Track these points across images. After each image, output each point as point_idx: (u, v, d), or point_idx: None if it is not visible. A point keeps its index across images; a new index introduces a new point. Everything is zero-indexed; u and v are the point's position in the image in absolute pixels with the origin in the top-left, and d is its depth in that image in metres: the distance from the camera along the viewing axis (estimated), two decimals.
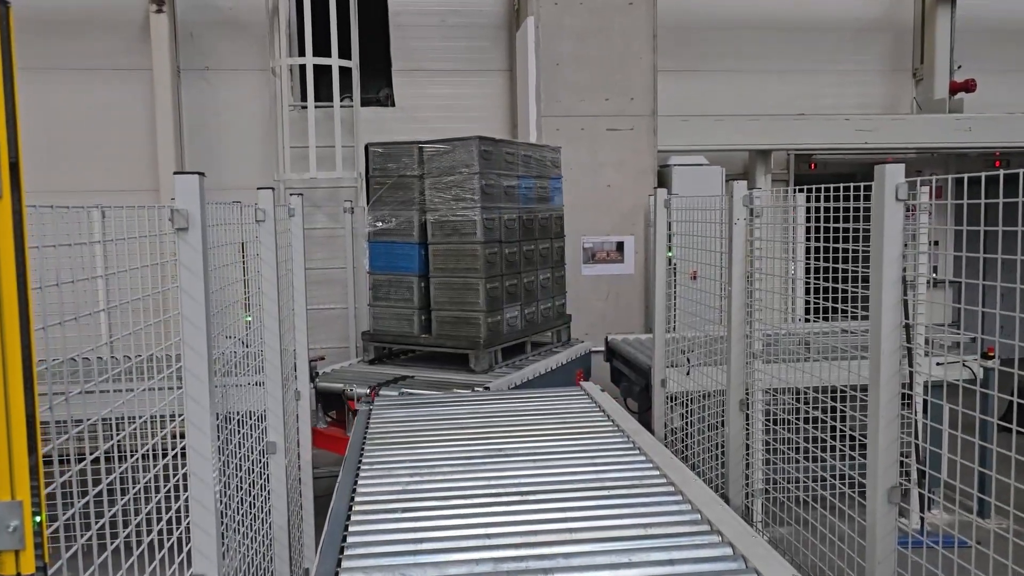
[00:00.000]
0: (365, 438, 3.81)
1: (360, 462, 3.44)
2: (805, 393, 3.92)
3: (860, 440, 2.91)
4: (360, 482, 3.18)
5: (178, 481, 2.11)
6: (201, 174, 1.99)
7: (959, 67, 9.45)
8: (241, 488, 3.35)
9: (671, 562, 2.41)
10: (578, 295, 7.80)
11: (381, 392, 4.88)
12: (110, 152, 8.37)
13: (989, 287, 2.32)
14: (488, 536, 2.64)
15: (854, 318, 6.27)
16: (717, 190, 7.21)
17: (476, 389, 4.96)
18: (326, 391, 5.42)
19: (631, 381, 6.19)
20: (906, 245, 5.48)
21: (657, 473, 3.22)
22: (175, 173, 1.97)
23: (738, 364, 3.75)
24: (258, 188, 3.35)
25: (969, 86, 9.18)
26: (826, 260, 3.62)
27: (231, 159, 8.62)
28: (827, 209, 3.56)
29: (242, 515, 3.32)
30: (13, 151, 1.17)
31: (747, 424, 4.31)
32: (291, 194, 4.34)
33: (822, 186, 3.40)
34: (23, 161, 1.28)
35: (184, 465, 2.19)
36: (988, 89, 9.34)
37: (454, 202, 5.62)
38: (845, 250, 3.65)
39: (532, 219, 6.10)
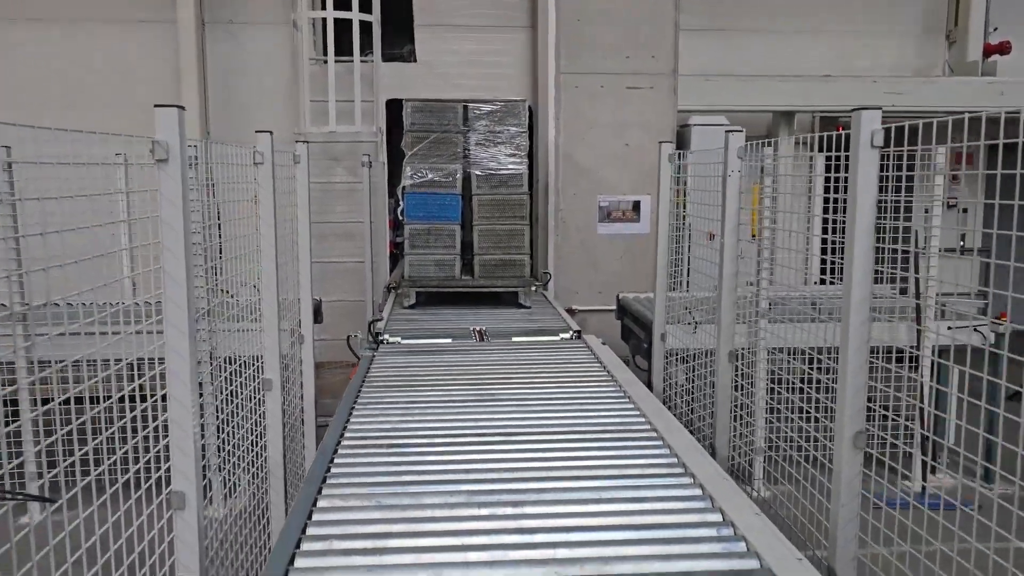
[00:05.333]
0: (363, 381, 3.91)
1: (355, 403, 3.53)
2: (805, 353, 3.92)
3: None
4: (352, 420, 3.28)
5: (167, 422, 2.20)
6: (180, 107, 2.05)
7: (995, 29, 9.18)
8: (242, 427, 3.46)
9: (639, 499, 2.48)
10: (593, 254, 7.82)
11: (388, 340, 4.97)
12: (134, 104, 8.44)
13: (1019, 255, 2.20)
14: (467, 471, 2.72)
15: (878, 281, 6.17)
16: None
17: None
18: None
19: (639, 339, 6.22)
20: (927, 210, 5.41)
21: (643, 420, 3.27)
22: (155, 106, 2.04)
23: (728, 317, 3.76)
24: (256, 131, 3.42)
25: (1004, 48, 8.92)
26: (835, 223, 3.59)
27: (255, 112, 8.67)
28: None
29: (243, 451, 3.44)
30: None
31: (741, 381, 4.33)
32: (296, 141, 4.40)
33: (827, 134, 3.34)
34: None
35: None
36: None
37: (503, 157, 6.17)
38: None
39: None
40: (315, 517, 2.35)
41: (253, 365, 3.66)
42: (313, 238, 8.65)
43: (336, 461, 2.82)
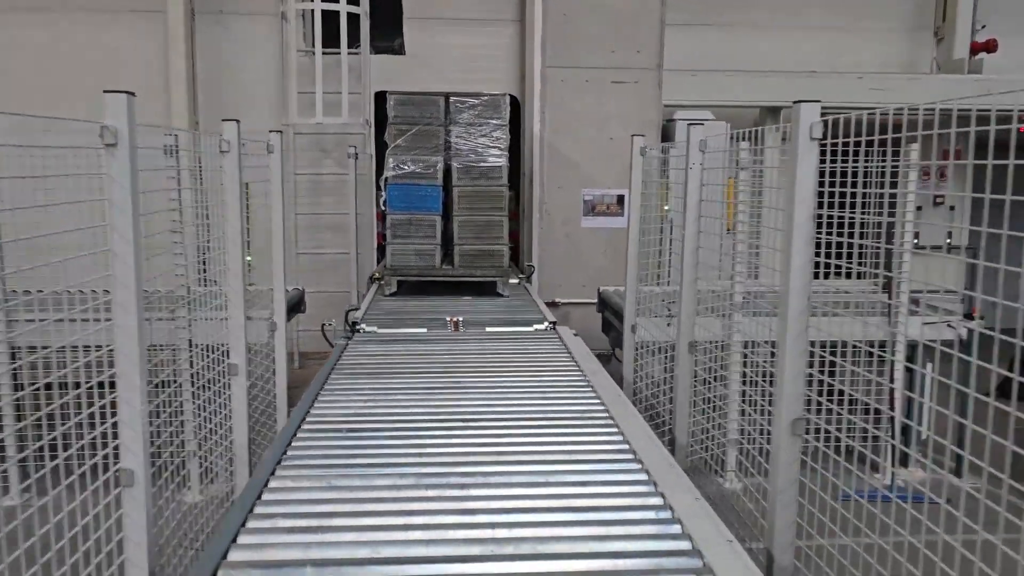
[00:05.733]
0: (333, 369, 3.96)
1: (322, 389, 3.58)
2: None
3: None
4: (315, 406, 3.33)
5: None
6: (130, 93, 2.10)
7: (983, 27, 9.19)
8: (207, 408, 3.51)
9: (585, 483, 2.53)
10: (577, 247, 7.87)
11: (364, 329, 5.01)
12: None
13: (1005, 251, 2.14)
14: (421, 455, 2.77)
15: (848, 276, 6.21)
16: (721, 146, 7.15)
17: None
18: None
19: (619, 331, 6.26)
20: (889, 205, 5.46)
21: (602, 408, 3.32)
22: (104, 91, 2.08)
23: (688, 309, 3.81)
24: (223, 120, 3.46)
25: (990, 46, 8.93)
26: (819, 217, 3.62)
27: (245, 103, 8.70)
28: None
29: (208, 431, 3.49)
30: None
31: (706, 375, 4.38)
32: (271, 131, 4.45)
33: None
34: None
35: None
36: (1011, 50, 9.09)
37: (483, 149, 6.33)
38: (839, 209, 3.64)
39: None
40: (265, 497, 2.40)
41: (217, 350, 3.72)
42: (302, 229, 8.76)
43: (294, 444, 2.87)
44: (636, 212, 4.66)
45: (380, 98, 8.78)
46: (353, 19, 7.96)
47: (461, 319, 5.29)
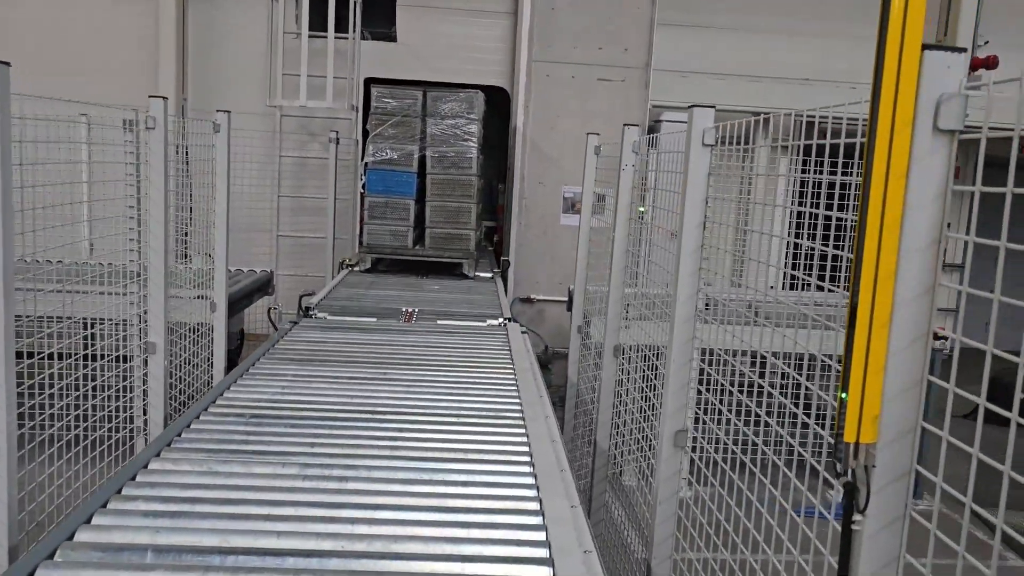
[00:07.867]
0: (265, 354, 3.94)
1: (245, 373, 3.56)
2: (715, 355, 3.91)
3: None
4: (232, 389, 3.31)
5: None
6: (5, 63, 2.07)
7: (986, 42, 9.04)
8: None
9: (469, 483, 2.49)
10: (555, 244, 7.82)
11: (316, 315, 5.00)
12: (113, 69, 8.49)
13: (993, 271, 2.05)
14: (313, 445, 2.74)
15: (819, 289, 6.17)
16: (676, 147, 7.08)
17: None
18: None
19: None
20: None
21: (517, 408, 3.28)
22: None
23: (614, 312, 3.77)
24: (149, 96, 3.44)
25: (990, 62, 8.74)
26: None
27: (234, 83, 8.72)
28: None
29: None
30: None
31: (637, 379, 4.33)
32: (217, 111, 4.42)
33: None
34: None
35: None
36: (1013, 67, 8.91)
37: (457, 140, 6.61)
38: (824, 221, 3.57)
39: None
40: (139, 478, 2.38)
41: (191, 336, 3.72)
42: (285, 211, 8.76)
43: (192, 427, 2.85)
44: (588, 211, 4.61)
45: (371, 84, 8.77)
46: (343, 4, 7.93)
47: (417, 310, 5.26)
